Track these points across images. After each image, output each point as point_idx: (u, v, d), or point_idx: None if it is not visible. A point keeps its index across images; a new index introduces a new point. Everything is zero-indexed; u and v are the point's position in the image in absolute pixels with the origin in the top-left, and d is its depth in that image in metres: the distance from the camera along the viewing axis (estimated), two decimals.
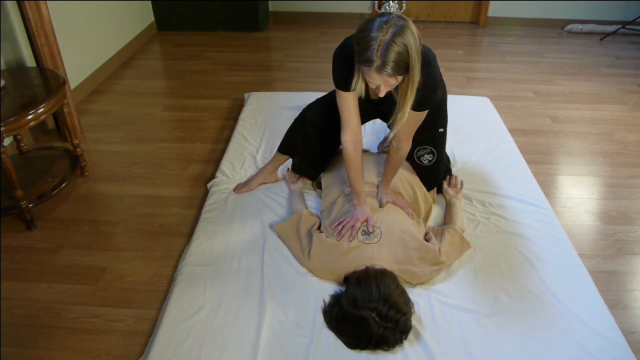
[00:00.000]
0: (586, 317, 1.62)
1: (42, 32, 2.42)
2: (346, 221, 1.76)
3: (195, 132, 2.86)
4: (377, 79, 1.48)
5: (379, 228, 1.74)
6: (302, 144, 2.09)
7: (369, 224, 1.75)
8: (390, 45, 1.39)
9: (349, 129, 1.77)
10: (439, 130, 2.00)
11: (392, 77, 1.45)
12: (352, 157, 1.80)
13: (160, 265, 1.92)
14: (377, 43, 1.39)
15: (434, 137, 2.00)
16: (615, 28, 4.39)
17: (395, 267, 1.68)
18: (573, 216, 2.20)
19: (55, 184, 2.21)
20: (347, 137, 1.78)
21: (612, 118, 3.05)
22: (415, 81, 1.51)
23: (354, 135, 1.78)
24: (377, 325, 1.45)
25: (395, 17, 1.43)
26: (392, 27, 1.40)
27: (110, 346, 1.60)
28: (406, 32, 1.40)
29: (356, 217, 1.76)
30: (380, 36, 1.39)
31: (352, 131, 1.77)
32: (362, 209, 1.79)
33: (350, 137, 1.78)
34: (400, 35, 1.39)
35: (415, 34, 1.42)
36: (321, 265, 1.75)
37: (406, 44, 1.40)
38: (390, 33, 1.39)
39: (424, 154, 2.03)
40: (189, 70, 3.70)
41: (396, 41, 1.39)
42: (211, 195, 2.21)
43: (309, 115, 2.04)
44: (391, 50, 1.39)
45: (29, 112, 1.97)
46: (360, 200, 1.83)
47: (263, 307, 1.65)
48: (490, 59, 3.96)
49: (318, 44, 4.24)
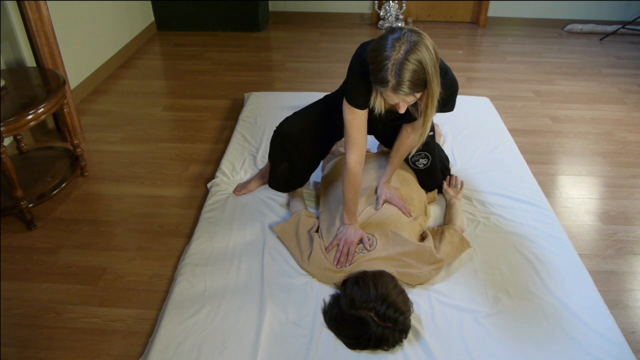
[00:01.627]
0: (586, 317, 1.62)
1: (42, 32, 2.42)
2: (341, 246, 1.73)
3: (195, 132, 2.86)
4: (394, 98, 1.44)
5: (373, 236, 1.75)
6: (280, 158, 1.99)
7: (365, 243, 1.74)
8: (404, 63, 1.34)
9: (357, 149, 1.68)
10: (429, 134, 1.98)
11: (409, 95, 1.41)
12: (355, 178, 1.73)
13: (160, 265, 1.92)
14: (390, 62, 1.35)
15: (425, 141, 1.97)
16: (615, 28, 4.39)
17: (394, 270, 1.68)
18: (573, 216, 2.20)
19: (55, 184, 2.21)
20: (354, 157, 1.69)
21: (612, 118, 3.05)
22: (435, 95, 1.44)
23: (361, 157, 1.71)
24: (375, 325, 1.45)
25: (408, 32, 1.37)
26: (405, 44, 1.34)
27: (110, 346, 1.60)
28: (420, 47, 1.35)
29: (350, 240, 1.73)
30: (393, 55, 1.34)
31: (359, 152, 1.69)
32: (354, 229, 1.76)
33: (357, 158, 1.70)
34: (414, 52, 1.34)
35: (430, 47, 1.37)
36: (320, 271, 1.76)
37: (421, 60, 1.35)
38: (404, 51, 1.34)
39: (419, 159, 2.03)
40: (189, 70, 3.70)
41: (410, 59, 1.34)
42: (211, 196, 2.21)
43: (285, 130, 1.93)
44: (406, 69, 1.34)
45: (29, 112, 1.97)
46: (352, 219, 1.78)
47: (263, 307, 1.65)
48: (490, 59, 3.96)
49: (318, 44, 4.24)
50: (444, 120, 2.79)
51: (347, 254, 1.72)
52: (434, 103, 1.46)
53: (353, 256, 1.71)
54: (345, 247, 1.72)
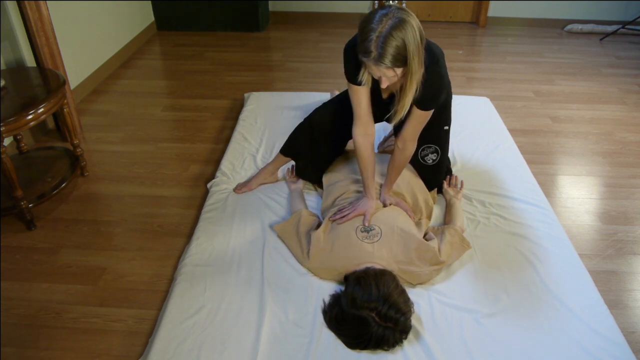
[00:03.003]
0: (586, 317, 1.62)
1: (42, 32, 2.42)
2: (347, 211, 1.82)
3: (195, 132, 2.86)
4: (375, 70, 1.51)
5: (379, 227, 1.74)
6: (310, 148, 2.08)
7: (365, 219, 1.77)
8: (388, 37, 1.41)
9: (359, 122, 1.78)
10: (444, 128, 2.01)
11: (389, 69, 1.47)
12: (362, 149, 1.82)
13: (160, 265, 1.92)
14: (375, 34, 1.42)
15: (439, 134, 2.00)
16: (615, 28, 4.39)
17: (395, 267, 1.68)
18: (573, 216, 2.20)
19: (55, 184, 2.21)
20: (357, 130, 1.80)
21: (612, 118, 3.05)
22: (415, 74, 1.51)
23: (364, 129, 1.79)
24: (376, 325, 1.45)
25: (396, 9, 1.45)
26: (390, 20, 1.42)
27: (110, 346, 1.60)
28: (405, 25, 1.42)
29: (354, 207, 1.81)
30: (379, 28, 1.42)
31: (362, 124, 1.79)
32: (366, 202, 1.82)
33: (360, 131, 1.79)
34: (398, 28, 1.41)
35: (415, 27, 1.44)
36: (321, 264, 1.75)
37: (404, 37, 1.42)
38: (389, 25, 1.41)
39: (428, 154, 2.03)
40: (189, 70, 3.70)
41: (393, 33, 1.41)
42: (211, 195, 2.21)
43: (317, 119, 2.03)
44: (388, 43, 1.41)
45: (29, 112, 1.97)
46: (369, 194, 1.85)
47: (263, 307, 1.65)
48: (490, 59, 3.96)
49: (318, 44, 4.24)
50: None
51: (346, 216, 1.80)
52: (412, 83, 1.54)
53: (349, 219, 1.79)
54: (352, 215, 1.79)
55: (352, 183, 2.00)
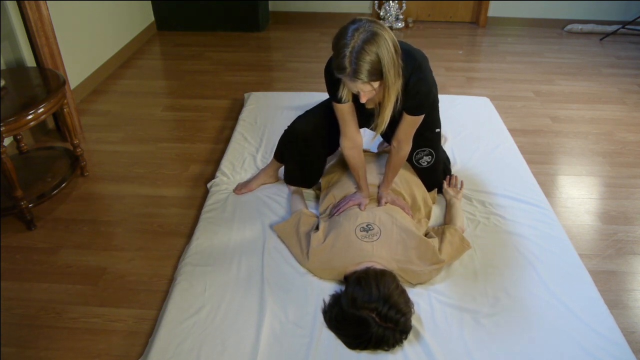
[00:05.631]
0: (586, 317, 1.62)
1: (42, 32, 2.42)
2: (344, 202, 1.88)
3: (195, 132, 2.86)
4: (352, 87, 1.51)
5: (378, 226, 1.75)
6: (295, 157, 2.06)
7: (362, 205, 1.84)
8: (361, 52, 1.40)
9: (347, 137, 1.84)
10: (435, 131, 2.01)
11: (366, 84, 1.47)
12: (351, 160, 1.88)
13: (160, 265, 1.92)
14: (348, 50, 1.41)
15: (431, 137, 2.01)
16: (615, 28, 4.39)
17: (395, 266, 1.68)
18: (573, 216, 2.20)
19: (55, 184, 2.21)
20: (345, 144, 1.85)
21: (612, 118, 3.05)
22: (392, 86, 1.51)
23: (352, 143, 1.85)
24: (377, 326, 1.45)
25: (367, 22, 1.44)
26: (362, 34, 1.41)
27: (110, 346, 1.60)
28: (377, 38, 1.41)
29: (349, 199, 1.88)
30: (351, 43, 1.41)
31: (349, 139, 1.84)
32: (361, 194, 1.89)
33: (348, 144, 1.85)
34: (370, 42, 1.40)
35: (388, 39, 1.43)
36: (320, 264, 1.75)
37: (377, 51, 1.41)
38: (361, 40, 1.40)
39: (422, 156, 2.04)
40: (189, 70, 3.70)
41: (366, 48, 1.40)
42: (211, 195, 2.21)
43: (299, 129, 1.99)
44: (362, 57, 1.41)
45: (29, 112, 1.97)
46: (364, 192, 1.90)
47: (263, 307, 1.65)
48: (490, 59, 3.96)
49: (318, 44, 4.24)
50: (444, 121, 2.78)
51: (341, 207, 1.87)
52: (391, 95, 1.54)
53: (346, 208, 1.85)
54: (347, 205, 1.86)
55: (351, 186, 1.99)
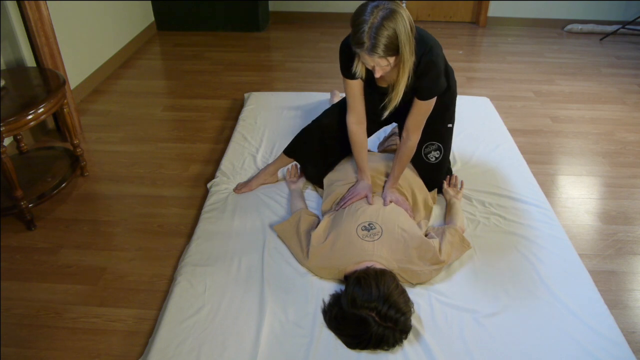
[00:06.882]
0: (586, 317, 1.62)
1: (42, 32, 2.42)
2: (348, 197, 1.91)
3: (195, 132, 2.86)
4: (369, 61, 1.58)
5: (379, 225, 1.75)
6: (319, 152, 2.11)
7: (368, 198, 1.86)
8: (380, 27, 1.49)
9: (354, 112, 1.90)
10: (448, 125, 2.03)
11: (382, 58, 1.54)
12: (356, 136, 1.93)
13: (160, 265, 1.92)
14: (367, 26, 1.50)
15: (443, 132, 2.02)
16: (615, 28, 4.39)
17: (395, 266, 1.68)
18: (573, 216, 2.20)
19: (55, 184, 2.21)
20: (351, 118, 1.91)
21: (612, 118, 3.05)
22: (406, 62, 1.59)
23: (357, 117, 1.91)
24: (376, 325, 1.45)
25: (386, 1, 1.52)
26: (381, 11, 1.49)
27: (110, 346, 1.60)
28: (395, 15, 1.49)
29: (357, 193, 1.90)
30: (370, 19, 1.50)
31: (356, 114, 1.90)
32: (363, 183, 1.93)
33: (354, 119, 1.91)
34: (389, 18, 1.49)
35: (405, 17, 1.51)
36: (320, 263, 1.75)
37: (395, 26, 1.49)
38: (380, 17, 1.49)
39: (431, 151, 2.04)
40: (189, 70, 3.70)
41: (385, 24, 1.48)
42: (211, 195, 2.21)
43: (326, 123, 2.06)
44: (380, 33, 1.49)
45: (29, 112, 1.97)
46: (364, 175, 1.95)
47: (263, 307, 1.65)
48: (490, 59, 3.96)
49: (318, 44, 4.24)
50: None
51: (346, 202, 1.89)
52: (405, 71, 1.62)
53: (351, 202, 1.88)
54: (354, 199, 1.89)
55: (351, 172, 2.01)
